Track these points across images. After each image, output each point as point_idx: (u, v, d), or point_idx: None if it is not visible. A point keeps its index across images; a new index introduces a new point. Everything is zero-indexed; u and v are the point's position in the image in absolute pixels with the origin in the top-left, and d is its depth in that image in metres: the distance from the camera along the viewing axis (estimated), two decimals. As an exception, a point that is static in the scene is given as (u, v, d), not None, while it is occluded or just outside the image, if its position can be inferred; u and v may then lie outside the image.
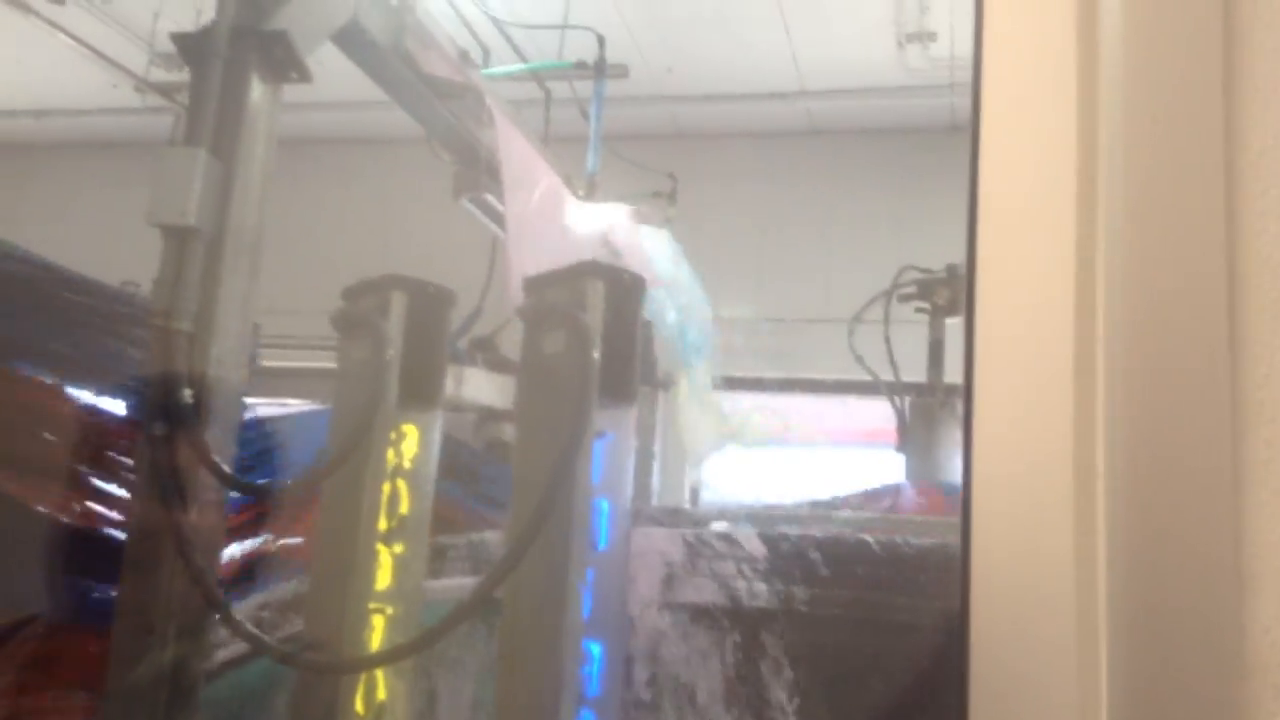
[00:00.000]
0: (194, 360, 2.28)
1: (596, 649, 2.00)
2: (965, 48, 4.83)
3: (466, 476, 3.71)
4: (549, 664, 1.93)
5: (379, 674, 2.03)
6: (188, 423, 2.22)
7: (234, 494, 2.41)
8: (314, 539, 2.30)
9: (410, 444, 2.32)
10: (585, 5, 6.35)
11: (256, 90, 2.47)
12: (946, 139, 7.77)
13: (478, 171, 3.65)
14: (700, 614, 2.05)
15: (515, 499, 2.10)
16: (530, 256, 3.39)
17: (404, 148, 8.74)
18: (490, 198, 3.79)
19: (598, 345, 1.99)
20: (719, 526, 2.42)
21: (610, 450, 2.09)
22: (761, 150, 7.86)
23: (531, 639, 1.96)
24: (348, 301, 2.32)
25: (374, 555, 2.22)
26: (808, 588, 2.10)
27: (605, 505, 2.08)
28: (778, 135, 7.85)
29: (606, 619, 2.02)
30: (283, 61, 2.50)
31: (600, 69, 4.87)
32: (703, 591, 2.06)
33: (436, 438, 2.38)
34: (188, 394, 2.25)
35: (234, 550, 2.56)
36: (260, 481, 2.40)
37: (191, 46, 2.47)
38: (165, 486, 2.23)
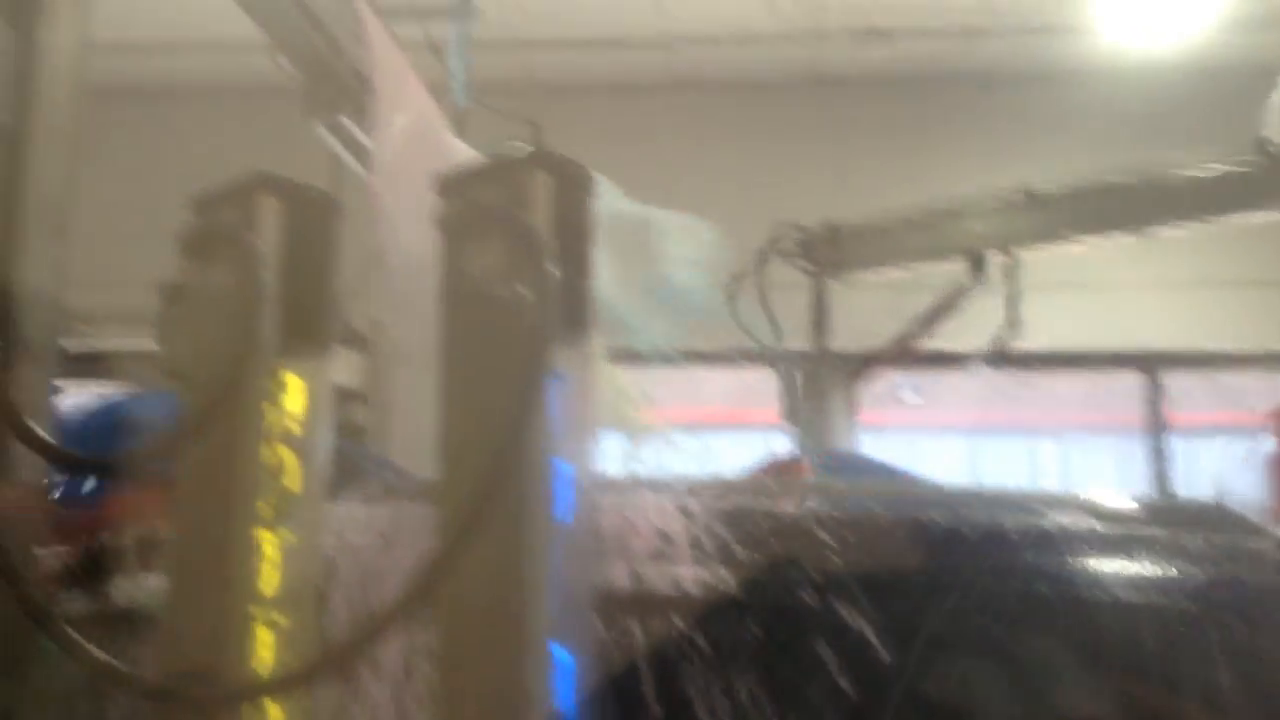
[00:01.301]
0: (-8, 295, 1.70)
1: (562, 652, 1.53)
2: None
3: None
4: (506, 675, 1.46)
5: (269, 708, 1.51)
6: (-14, 377, 1.65)
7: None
8: (170, 530, 1.75)
9: (295, 398, 1.79)
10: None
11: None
12: (813, 91, 7.52)
13: (333, 88, 3.09)
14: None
15: (444, 465, 1.61)
16: (405, 197, 2.85)
17: (233, 96, 8.06)
18: (347, 121, 3.23)
19: (550, 255, 1.52)
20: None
21: (566, 396, 1.62)
22: (624, 102, 7.44)
23: (480, 644, 1.48)
24: (201, 214, 1.77)
25: (253, 546, 1.70)
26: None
27: (565, 467, 1.61)
28: (640, 88, 7.44)
29: (574, 612, 1.55)
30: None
31: (463, -12, 4.34)
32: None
33: (328, 391, 1.86)
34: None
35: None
36: (87, 454, 1.83)
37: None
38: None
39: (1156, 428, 7.78)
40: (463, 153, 3.47)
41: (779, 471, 4.05)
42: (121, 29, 6.83)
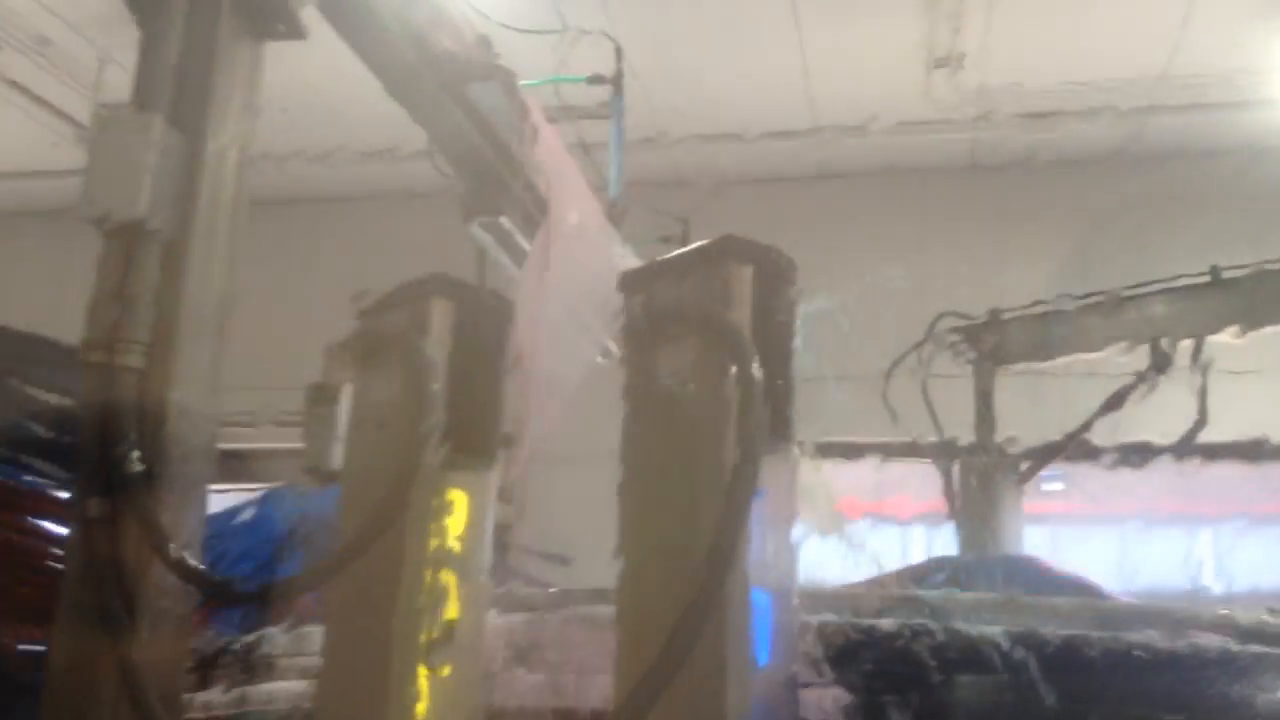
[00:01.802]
0: (146, 408, 1.59)
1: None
2: (997, 74, 4.22)
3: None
4: None
5: None
6: (137, 497, 1.53)
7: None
8: (321, 661, 1.59)
9: (459, 518, 1.64)
10: (578, 45, 5.76)
11: (232, 43, 1.81)
12: (968, 178, 7.25)
13: (493, 189, 2.99)
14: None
15: (629, 592, 1.42)
16: (567, 295, 2.69)
17: (381, 201, 8.21)
18: (506, 222, 3.13)
19: (755, 357, 1.33)
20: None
21: (768, 514, 1.42)
22: (773, 193, 7.29)
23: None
24: (367, 319, 1.64)
25: (412, 680, 1.53)
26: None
27: (766, 598, 1.40)
28: (788, 178, 7.30)
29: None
30: (268, 8, 1.86)
31: (618, 82, 4.26)
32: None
33: (491, 505, 1.70)
34: (136, 457, 1.56)
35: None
36: (240, 580, 1.69)
37: (142, -10, 1.81)
38: (104, 589, 1.53)
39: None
40: (625, 252, 3.35)
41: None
42: (279, 138, 7.04)
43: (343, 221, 8.12)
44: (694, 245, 1.45)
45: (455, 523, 1.63)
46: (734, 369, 1.29)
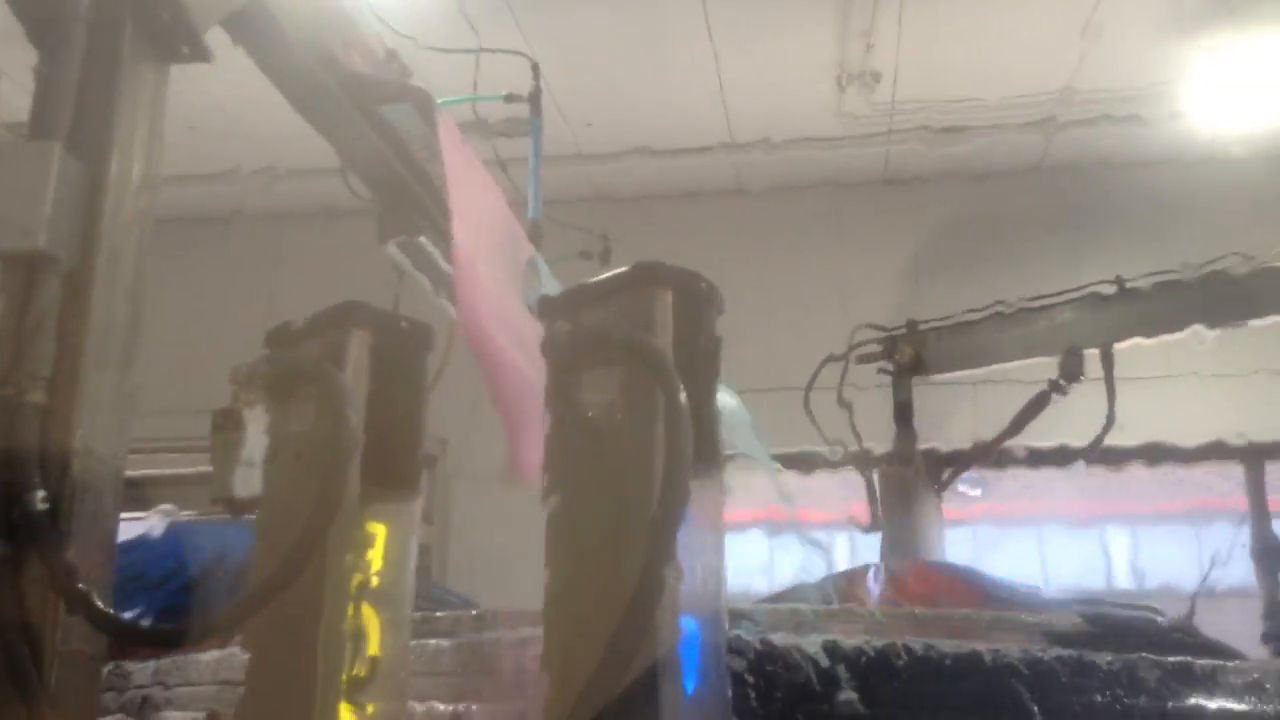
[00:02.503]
0: (49, 445, 1.53)
1: None
2: (909, 90, 4.30)
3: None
4: None
5: None
6: (41, 538, 1.47)
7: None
8: (242, 701, 1.54)
9: (378, 552, 1.60)
10: (493, 59, 5.72)
11: (135, 66, 1.75)
12: (882, 191, 7.35)
13: (409, 209, 2.94)
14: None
15: (550, 616, 1.39)
16: (485, 314, 2.64)
17: (292, 220, 8.06)
18: (424, 241, 3.09)
19: (680, 384, 1.32)
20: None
21: (696, 541, 1.40)
22: (690, 208, 7.32)
23: None
24: (277, 347, 1.60)
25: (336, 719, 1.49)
26: None
27: (694, 625, 1.39)
28: (706, 193, 7.33)
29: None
30: (171, 30, 1.80)
31: (536, 100, 4.22)
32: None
33: (413, 542, 1.66)
34: (40, 496, 1.50)
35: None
36: (152, 622, 1.62)
37: (39, 11, 1.75)
38: (7, 635, 1.46)
39: (1260, 518, 7.38)
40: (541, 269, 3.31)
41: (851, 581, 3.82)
42: (187, 161, 6.88)
43: (252, 240, 7.97)
44: (615, 271, 1.43)
45: (376, 556, 1.60)
46: (660, 395, 1.28)
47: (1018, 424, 5.37)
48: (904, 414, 5.69)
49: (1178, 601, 3.68)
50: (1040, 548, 8.23)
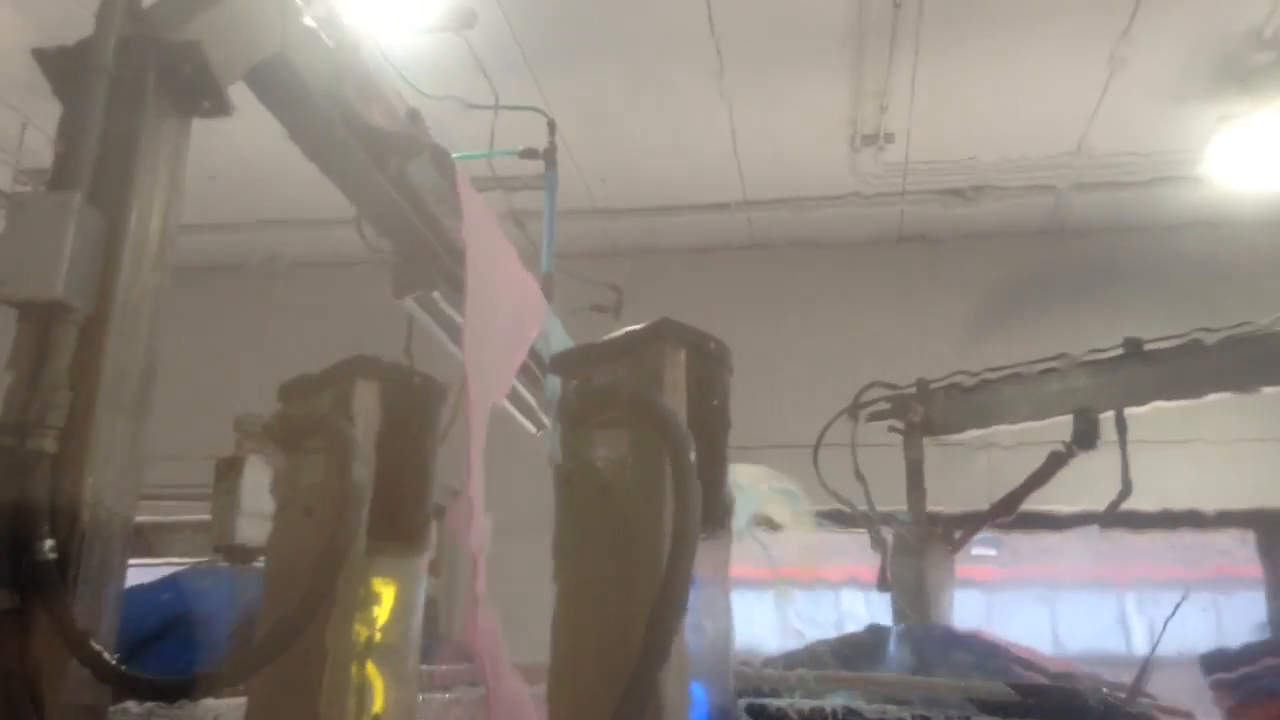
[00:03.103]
0: (59, 494, 1.53)
1: None
2: (922, 151, 4.33)
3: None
4: None
5: None
6: (48, 588, 1.46)
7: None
8: (243, 759, 1.52)
9: (385, 608, 1.59)
10: (510, 117, 5.79)
11: (157, 119, 1.78)
12: (895, 250, 7.37)
13: (424, 263, 2.96)
14: None
15: (557, 676, 1.38)
16: (496, 377, 2.64)
17: (307, 269, 8.12)
18: (438, 297, 3.10)
19: (690, 444, 1.31)
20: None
21: (704, 603, 1.40)
22: (703, 264, 7.36)
23: None
24: (290, 400, 1.60)
25: (337, 782, 1.47)
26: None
27: (701, 688, 1.38)
28: (720, 248, 7.37)
29: None
30: (194, 84, 1.82)
31: (551, 156, 4.27)
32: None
33: (420, 598, 1.66)
34: (48, 546, 1.50)
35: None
36: (158, 676, 1.61)
37: (64, 65, 1.78)
38: (12, 686, 1.46)
39: (1276, 588, 7.29)
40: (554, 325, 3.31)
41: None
42: (203, 211, 6.96)
43: (268, 289, 8.02)
44: (627, 329, 1.44)
45: (382, 612, 1.59)
46: (668, 456, 1.28)
47: (1030, 485, 5.33)
48: (915, 473, 5.66)
49: (1185, 669, 3.63)
50: (1053, 611, 8.16)
